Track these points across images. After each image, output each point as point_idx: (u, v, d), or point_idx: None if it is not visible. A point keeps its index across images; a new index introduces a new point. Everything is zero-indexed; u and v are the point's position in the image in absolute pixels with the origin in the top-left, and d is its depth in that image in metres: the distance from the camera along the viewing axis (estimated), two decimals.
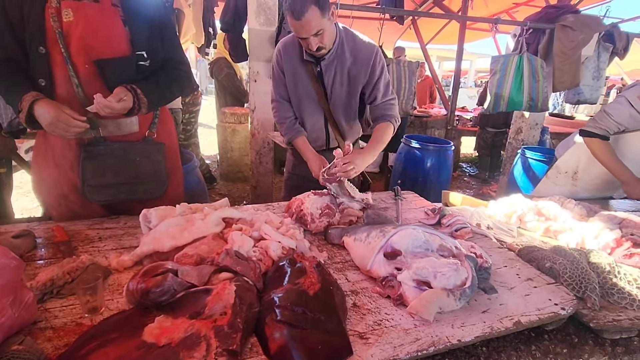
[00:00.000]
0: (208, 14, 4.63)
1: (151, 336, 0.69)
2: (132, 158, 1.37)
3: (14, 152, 2.09)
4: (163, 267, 0.85)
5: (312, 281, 0.89)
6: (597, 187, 2.01)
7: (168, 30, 1.42)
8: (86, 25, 1.22)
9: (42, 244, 1.14)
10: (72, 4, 1.21)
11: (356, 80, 1.62)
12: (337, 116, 1.72)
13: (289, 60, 1.61)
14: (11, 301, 0.70)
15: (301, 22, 1.34)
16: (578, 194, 2.01)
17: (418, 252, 1.01)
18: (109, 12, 1.25)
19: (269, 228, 1.16)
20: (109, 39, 1.26)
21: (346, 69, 1.59)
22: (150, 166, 1.42)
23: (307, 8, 1.32)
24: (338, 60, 1.57)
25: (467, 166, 6.44)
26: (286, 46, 1.62)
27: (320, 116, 1.72)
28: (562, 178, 2.09)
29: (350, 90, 1.65)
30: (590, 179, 1.99)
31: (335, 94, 1.65)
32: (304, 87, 1.64)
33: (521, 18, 5.00)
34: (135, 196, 1.41)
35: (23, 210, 3.41)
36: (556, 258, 1.11)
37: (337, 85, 1.63)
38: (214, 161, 5.60)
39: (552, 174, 2.15)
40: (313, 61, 1.58)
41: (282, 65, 1.63)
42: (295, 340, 0.72)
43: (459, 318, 0.87)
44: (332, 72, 1.60)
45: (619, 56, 3.75)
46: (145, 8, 1.34)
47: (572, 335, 0.95)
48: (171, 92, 1.44)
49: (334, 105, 1.68)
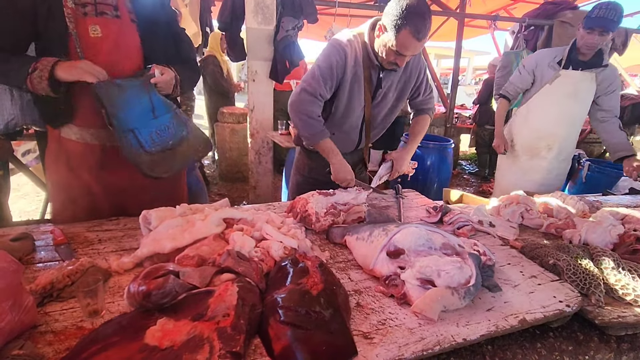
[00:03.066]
0: (205, 14, 4.61)
1: (153, 339, 0.68)
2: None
3: (10, 154, 2.08)
4: (164, 268, 0.83)
5: (315, 281, 0.88)
6: (531, 144, 2.41)
7: (181, 35, 1.48)
8: (113, 41, 1.26)
9: (41, 246, 1.12)
10: (99, 20, 1.24)
11: (407, 86, 1.65)
12: (376, 120, 1.71)
13: (355, 66, 1.53)
14: (11, 305, 0.68)
15: (420, 43, 1.34)
16: (520, 157, 2.47)
17: (421, 250, 1.01)
18: (129, 27, 1.30)
19: (270, 228, 1.15)
20: (130, 54, 1.31)
21: (399, 76, 1.61)
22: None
23: (429, 30, 1.33)
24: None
25: (467, 164, 6.44)
26: (354, 51, 1.52)
27: (359, 120, 1.67)
28: (510, 152, 2.53)
29: (399, 96, 1.67)
30: (524, 138, 2.43)
31: (384, 100, 1.64)
32: (358, 92, 1.58)
33: (519, 15, 5.01)
34: (187, 161, 1.44)
35: (21, 212, 3.40)
36: (559, 255, 1.10)
37: (390, 93, 1.63)
38: (209, 162, 5.59)
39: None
40: (377, 69, 1.55)
41: (346, 71, 1.52)
42: (299, 341, 0.71)
43: (463, 316, 0.87)
44: (389, 80, 1.59)
45: (618, 52, 3.75)
46: (159, 21, 1.37)
47: (577, 332, 0.94)
48: (190, 81, 1.50)
49: (378, 110, 1.68)
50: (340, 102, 1.59)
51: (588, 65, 2.15)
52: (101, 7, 1.25)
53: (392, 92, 1.63)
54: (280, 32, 3.11)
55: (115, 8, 1.27)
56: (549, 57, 2.23)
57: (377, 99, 1.63)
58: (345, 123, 1.66)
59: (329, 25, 3.95)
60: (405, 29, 1.30)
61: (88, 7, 1.23)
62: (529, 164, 2.43)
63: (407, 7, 1.28)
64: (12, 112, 1.56)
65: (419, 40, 1.32)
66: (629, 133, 5.02)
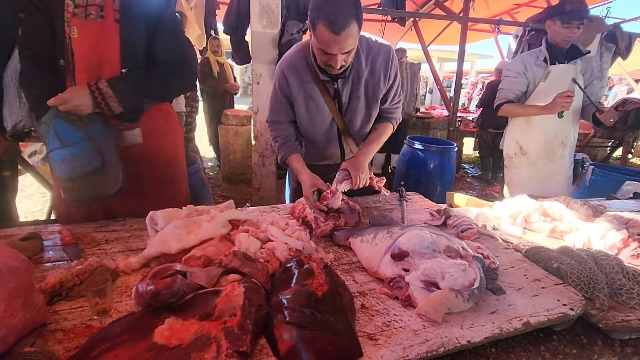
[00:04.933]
0: (210, 17, 4.66)
1: (162, 338, 0.69)
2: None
3: (18, 155, 2.10)
4: (172, 268, 0.85)
5: (320, 282, 0.89)
6: (546, 147, 2.33)
7: (164, 34, 1.38)
8: (89, 43, 1.25)
9: (49, 246, 1.14)
10: (78, 21, 1.24)
11: (375, 90, 1.50)
12: (353, 128, 1.59)
13: (297, 82, 1.44)
14: (22, 303, 0.70)
15: (339, 37, 1.17)
16: (538, 163, 2.35)
17: (425, 253, 1.01)
18: (111, 28, 1.27)
19: (275, 229, 1.16)
20: (107, 56, 1.28)
21: (363, 80, 1.45)
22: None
23: (350, 23, 1.16)
24: (354, 72, 1.43)
25: (470, 167, 6.44)
26: (291, 67, 1.44)
27: (333, 132, 1.59)
28: (517, 160, 2.42)
29: (370, 100, 1.53)
30: (535, 144, 2.33)
31: (352, 108, 1.52)
32: (316, 106, 1.49)
33: (523, 19, 5.01)
34: (98, 192, 1.29)
35: (27, 212, 3.42)
36: (563, 258, 1.10)
37: (354, 100, 1.50)
38: (212, 165, 5.61)
39: (507, 162, 2.48)
40: (329, 79, 1.43)
41: (289, 90, 1.46)
42: (304, 342, 0.72)
43: (467, 319, 0.87)
44: (349, 87, 1.46)
45: (622, 56, 3.75)
46: (143, 19, 1.32)
47: (581, 335, 0.95)
48: (152, 88, 1.37)
49: (351, 118, 1.56)
50: (300, 119, 1.55)
51: (569, 57, 2.20)
52: (90, 9, 1.25)
53: (361, 97, 1.50)
54: (285, 36, 3.13)
55: (101, 8, 1.26)
56: (533, 59, 2.25)
57: (344, 108, 1.52)
58: (316, 137, 1.60)
59: None
60: (320, 23, 1.17)
61: (79, 8, 1.25)
62: (550, 167, 2.34)
63: (321, 0, 1.17)
64: (19, 114, 1.58)
65: (337, 34, 1.16)
66: (633, 137, 5.00)
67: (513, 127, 2.42)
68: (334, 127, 1.57)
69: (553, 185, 2.34)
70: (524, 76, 2.26)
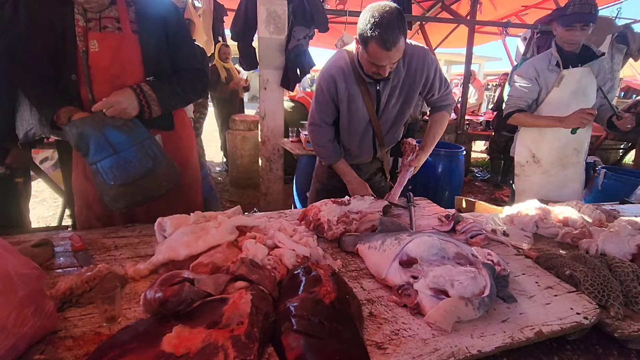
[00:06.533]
0: (217, 24, 4.71)
1: (170, 346, 0.69)
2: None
3: (30, 162, 2.14)
4: (179, 276, 0.85)
5: (328, 290, 0.88)
6: (559, 154, 2.23)
7: (182, 42, 1.44)
8: (110, 55, 1.28)
9: (60, 252, 1.15)
10: (96, 35, 1.27)
11: (411, 89, 1.60)
12: (385, 129, 1.71)
13: (344, 85, 1.55)
14: (33, 310, 0.71)
15: (391, 52, 1.29)
16: (551, 171, 2.26)
17: (434, 260, 1.00)
18: (130, 40, 1.31)
19: (282, 236, 1.16)
20: (130, 67, 1.33)
21: (401, 80, 1.56)
22: (151, 160, 1.34)
23: (399, 39, 1.27)
24: (394, 74, 1.53)
25: (478, 171, 6.37)
26: (341, 74, 1.54)
27: (368, 133, 1.70)
28: (529, 168, 2.32)
29: (405, 100, 1.63)
30: (548, 152, 2.24)
31: (388, 109, 1.63)
32: (357, 108, 1.60)
33: (530, 21, 4.97)
34: (151, 194, 1.35)
35: (39, 218, 3.48)
36: (576, 265, 1.08)
37: (392, 100, 1.61)
38: (220, 170, 5.64)
39: (519, 171, 2.38)
40: (372, 81, 1.53)
41: (338, 95, 1.57)
42: (312, 350, 0.71)
43: (478, 328, 0.86)
44: (388, 88, 1.57)
45: (634, 57, 3.69)
46: (163, 29, 1.37)
47: (596, 345, 0.92)
48: (184, 92, 1.43)
49: (385, 120, 1.67)
50: (342, 122, 1.66)
51: (582, 60, 2.11)
52: (104, 22, 1.28)
53: (395, 98, 1.61)
54: (291, 42, 3.16)
55: (117, 20, 1.28)
56: (545, 63, 2.15)
57: (381, 109, 1.63)
58: (355, 139, 1.71)
59: (339, 34, 3.99)
60: (372, 41, 1.28)
61: (92, 22, 1.27)
62: (564, 175, 2.25)
63: (372, 19, 1.27)
64: (30, 122, 1.61)
65: (388, 50, 1.28)
66: None
67: (524, 135, 2.32)
68: (370, 128, 1.68)
69: (566, 193, 2.25)
70: (535, 82, 2.16)
